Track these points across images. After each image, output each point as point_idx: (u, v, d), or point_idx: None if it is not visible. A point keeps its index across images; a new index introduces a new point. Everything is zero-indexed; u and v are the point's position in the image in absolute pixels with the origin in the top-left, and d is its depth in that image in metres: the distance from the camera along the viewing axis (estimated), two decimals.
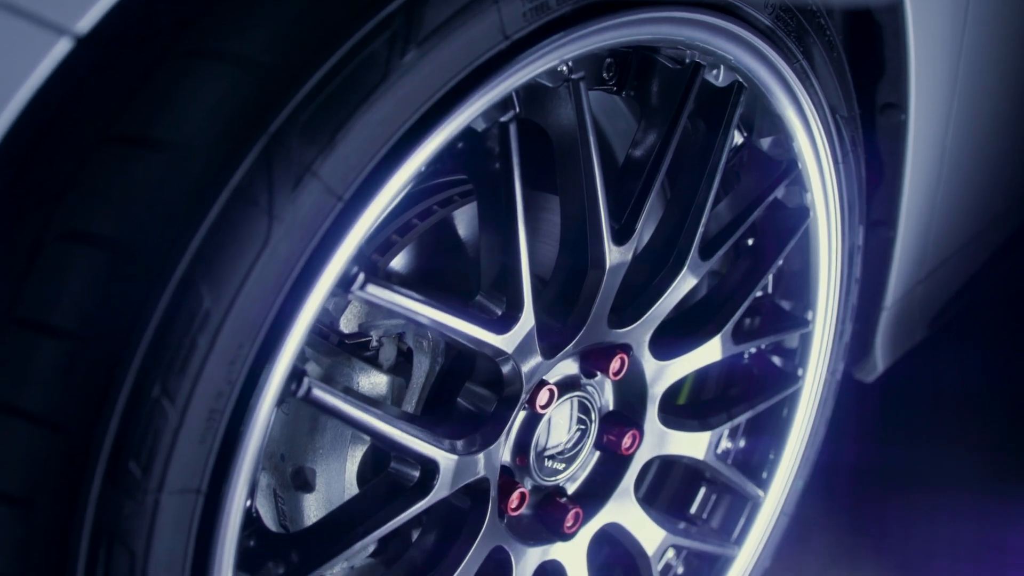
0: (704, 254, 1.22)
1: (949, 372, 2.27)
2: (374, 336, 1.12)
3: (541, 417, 1.16)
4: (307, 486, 1.09)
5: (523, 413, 1.14)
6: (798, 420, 1.51)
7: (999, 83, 1.73)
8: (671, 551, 1.51)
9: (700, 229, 1.20)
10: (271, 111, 0.75)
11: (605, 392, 1.27)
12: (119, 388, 0.73)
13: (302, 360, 1.07)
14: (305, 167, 0.77)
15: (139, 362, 0.74)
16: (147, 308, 0.73)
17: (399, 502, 1.02)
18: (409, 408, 1.14)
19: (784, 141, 1.30)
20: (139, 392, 0.74)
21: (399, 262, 1.13)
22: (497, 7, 0.85)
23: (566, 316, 1.13)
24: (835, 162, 1.34)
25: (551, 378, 1.15)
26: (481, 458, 1.08)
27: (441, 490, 1.04)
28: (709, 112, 1.20)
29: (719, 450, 1.46)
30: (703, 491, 1.57)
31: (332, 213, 0.80)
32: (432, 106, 0.83)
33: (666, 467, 1.58)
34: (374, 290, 0.89)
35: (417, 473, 1.04)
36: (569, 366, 1.19)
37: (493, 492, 1.12)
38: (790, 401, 1.51)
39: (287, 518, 1.12)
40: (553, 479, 1.22)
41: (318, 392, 0.89)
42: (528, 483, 1.20)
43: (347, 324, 1.09)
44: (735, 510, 1.54)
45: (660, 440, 1.31)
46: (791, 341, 1.49)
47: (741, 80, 1.18)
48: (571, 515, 1.23)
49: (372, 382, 1.10)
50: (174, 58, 0.77)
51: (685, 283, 1.21)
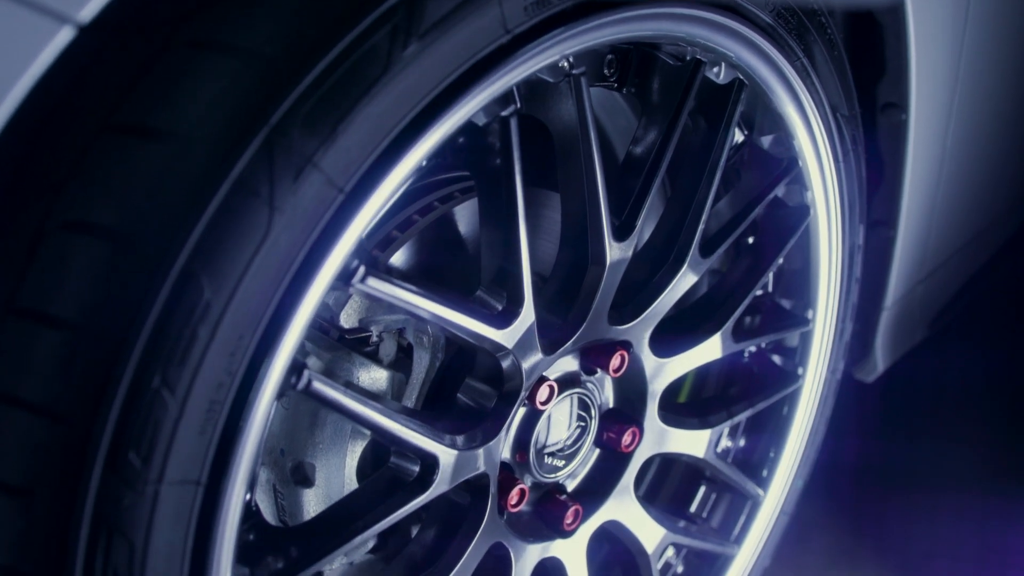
0: (704, 251, 1.22)
1: (949, 372, 2.27)
2: (374, 331, 1.12)
3: (541, 413, 1.15)
4: (307, 481, 1.09)
5: (523, 409, 1.14)
6: (798, 419, 1.51)
7: (1000, 83, 1.73)
8: (671, 549, 1.51)
9: (700, 226, 1.19)
10: (273, 102, 0.76)
11: (605, 389, 1.27)
12: (119, 378, 0.74)
13: (303, 354, 1.07)
14: (306, 159, 0.77)
15: (139, 353, 0.74)
16: (148, 298, 0.73)
17: (398, 497, 1.02)
18: (409, 404, 1.14)
19: (785, 139, 1.30)
20: (139, 383, 0.74)
21: (400, 258, 1.13)
22: (499, 1, 0.86)
23: (566, 312, 1.12)
24: (836, 161, 1.34)
25: (551, 374, 1.15)
26: (481, 454, 1.08)
27: (441, 485, 1.04)
28: (710, 109, 1.20)
29: (719, 448, 1.46)
30: (703, 489, 1.57)
31: (333, 205, 0.80)
32: (433, 99, 0.84)
33: (666, 465, 1.58)
34: (375, 283, 0.89)
35: (417, 468, 1.04)
36: (569, 363, 1.19)
37: (493, 488, 1.12)
38: (790, 400, 1.50)
39: (286, 513, 1.12)
40: (553, 476, 1.22)
41: (318, 385, 0.89)
42: (528, 480, 1.19)
43: (347, 319, 1.09)
44: (735, 509, 1.54)
45: (660, 438, 1.31)
46: (791, 340, 1.49)
47: (742, 78, 1.18)
48: (571, 512, 1.23)
49: (372, 377, 1.10)
50: (176, 48, 0.77)
51: (685, 280, 1.21)
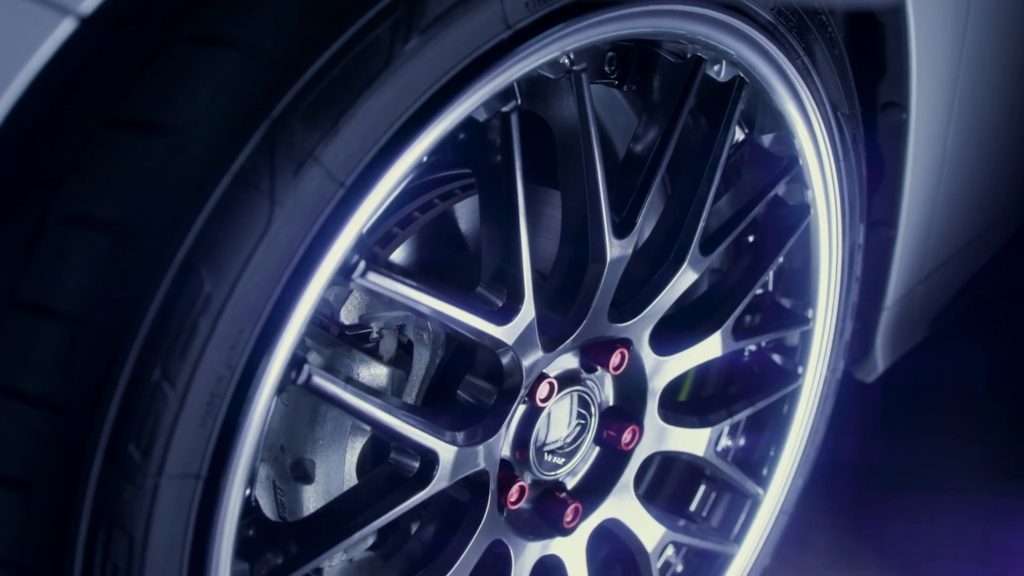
0: (705, 250, 1.22)
1: (949, 372, 2.27)
2: (374, 328, 1.12)
3: (541, 411, 1.15)
4: (306, 477, 1.09)
5: (523, 406, 1.14)
6: (798, 418, 1.51)
7: (1000, 83, 1.73)
8: (670, 548, 1.51)
9: (701, 224, 1.19)
10: (274, 96, 0.76)
11: (605, 387, 1.27)
12: (119, 371, 0.74)
13: (303, 349, 1.07)
14: (307, 152, 0.77)
15: (140, 345, 0.74)
16: (148, 292, 0.73)
17: (398, 493, 1.02)
18: (409, 400, 1.14)
19: (785, 137, 1.30)
20: (139, 375, 0.74)
21: (400, 254, 1.13)
22: None
23: (566, 309, 1.12)
24: (836, 159, 1.34)
25: (551, 372, 1.15)
26: (481, 450, 1.07)
27: (440, 481, 1.04)
28: (710, 107, 1.20)
29: (719, 447, 1.46)
30: (703, 488, 1.57)
31: (333, 199, 0.80)
32: (434, 94, 0.84)
33: (666, 464, 1.58)
34: (375, 278, 0.89)
35: (417, 464, 1.04)
36: (569, 360, 1.19)
37: (492, 485, 1.12)
38: (790, 399, 1.50)
39: (286, 509, 1.11)
40: (553, 474, 1.22)
41: (318, 380, 0.89)
42: (528, 477, 1.19)
43: (348, 315, 1.09)
44: (735, 508, 1.54)
45: (660, 436, 1.31)
46: (791, 339, 1.49)
47: (743, 75, 1.18)
48: (570, 510, 1.23)
49: (372, 374, 1.10)
50: (177, 42, 0.77)
51: (685, 278, 1.21)
